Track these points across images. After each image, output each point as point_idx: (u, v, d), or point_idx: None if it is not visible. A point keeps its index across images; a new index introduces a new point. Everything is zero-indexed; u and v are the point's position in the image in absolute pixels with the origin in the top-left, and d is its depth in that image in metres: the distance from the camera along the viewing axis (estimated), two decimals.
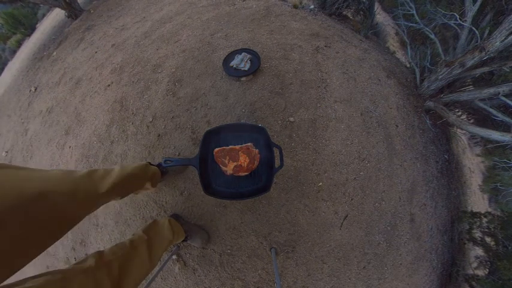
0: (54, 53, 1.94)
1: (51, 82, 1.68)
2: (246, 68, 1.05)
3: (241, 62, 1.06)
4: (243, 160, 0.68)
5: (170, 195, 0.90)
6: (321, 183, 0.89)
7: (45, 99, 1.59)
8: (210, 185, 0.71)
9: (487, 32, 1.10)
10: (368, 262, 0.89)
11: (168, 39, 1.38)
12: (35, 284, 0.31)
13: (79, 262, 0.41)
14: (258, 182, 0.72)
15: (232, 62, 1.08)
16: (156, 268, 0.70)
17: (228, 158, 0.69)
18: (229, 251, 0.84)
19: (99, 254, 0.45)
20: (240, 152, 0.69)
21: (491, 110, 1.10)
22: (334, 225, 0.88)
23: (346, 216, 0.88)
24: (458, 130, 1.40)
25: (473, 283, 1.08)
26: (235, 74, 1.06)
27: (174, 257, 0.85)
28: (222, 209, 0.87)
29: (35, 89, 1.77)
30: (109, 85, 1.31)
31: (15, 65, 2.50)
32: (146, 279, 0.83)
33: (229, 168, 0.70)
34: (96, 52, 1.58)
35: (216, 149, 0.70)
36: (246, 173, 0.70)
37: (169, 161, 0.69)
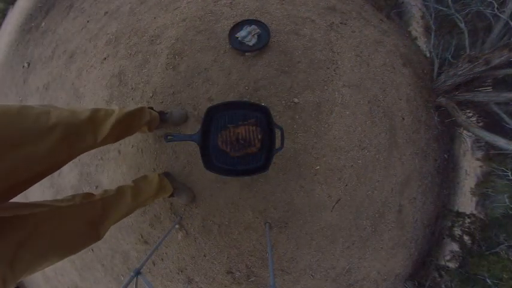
0: (43, 24, 1.77)
1: (43, 56, 1.56)
2: (251, 44, 0.97)
3: (247, 35, 0.97)
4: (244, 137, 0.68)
5: (171, 169, 0.94)
6: (318, 167, 0.91)
7: (40, 75, 1.50)
8: (210, 161, 0.72)
9: None
10: (352, 243, 0.97)
11: (167, 6, 1.24)
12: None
13: (68, 199, 0.45)
14: (257, 161, 0.73)
15: (238, 33, 0.98)
16: (160, 237, 0.77)
17: (229, 139, 0.68)
18: (227, 223, 0.91)
19: (88, 195, 0.50)
20: (241, 128, 0.68)
21: (504, 115, 1.05)
22: (326, 207, 0.93)
23: (339, 200, 0.92)
24: (465, 132, 1.35)
25: (443, 272, 1.21)
26: (240, 47, 0.98)
27: (177, 226, 0.91)
28: (222, 184, 0.91)
29: (28, 65, 1.67)
30: (105, 58, 1.23)
31: (3, 38, 2.30)
32: (151, 246, 0.92)
33: (232, 152, 0.70)
34: (88, 21, 1.44)
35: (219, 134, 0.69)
36: (249, 152, 0.71)
37: (171, 137, 0.68)
